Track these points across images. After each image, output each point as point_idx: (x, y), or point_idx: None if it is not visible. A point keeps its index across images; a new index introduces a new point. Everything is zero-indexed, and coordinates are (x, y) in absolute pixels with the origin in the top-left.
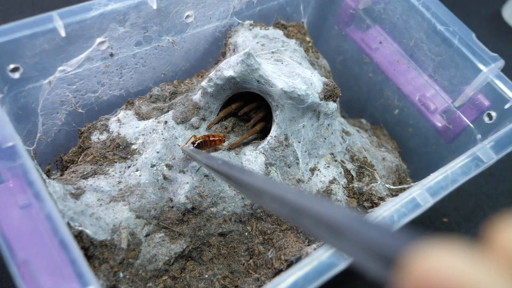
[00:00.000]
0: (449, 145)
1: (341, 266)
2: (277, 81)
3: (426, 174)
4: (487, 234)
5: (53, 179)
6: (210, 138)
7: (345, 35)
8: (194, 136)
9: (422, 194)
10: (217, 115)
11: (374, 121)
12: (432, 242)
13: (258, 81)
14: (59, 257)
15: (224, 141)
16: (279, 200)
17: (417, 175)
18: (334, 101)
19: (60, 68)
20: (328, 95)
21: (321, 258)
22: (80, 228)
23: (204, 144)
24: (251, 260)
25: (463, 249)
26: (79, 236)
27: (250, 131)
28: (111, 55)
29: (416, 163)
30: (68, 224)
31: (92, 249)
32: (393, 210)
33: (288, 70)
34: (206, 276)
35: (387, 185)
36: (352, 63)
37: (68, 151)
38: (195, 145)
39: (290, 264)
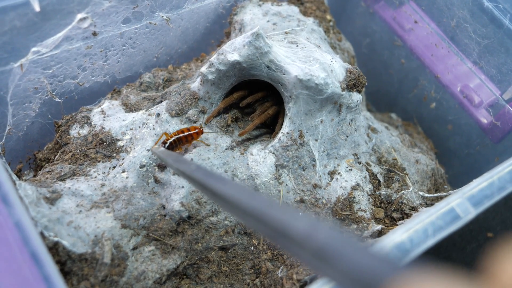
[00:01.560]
0: (497, 146)
1: None
2: (291, 67)
3: (468, 180)
4: (488, 266)
5: (25, 180)
6: (185, 133)
7: (373, 13)
8: (166, 133)
9: (462, 204)
10: (217, 107)
11: (406, 116)
12: (422, 274)
13: (268, 67)
14: (30, 273)
15: (202, 133)
16: (256, 216)
17: (457, 181)
18: (359, 91)
19: (34, 49)
20: (351, 85)
21: None
22: (55, 239)
23: (179, 142)
24: (257, 280)
25: (455, 284)
26: (55, 248)
27: (262, 116)
28: (94, 34)
29: (456, 167)
30: (42, 233)
31: (69, 264)
32: (427, 223)
33: (304, 54)
34: None
35: (421, 193)
36: (381, 47)
37: (43, 147)
38: (166, 145)
39: (303, 285)
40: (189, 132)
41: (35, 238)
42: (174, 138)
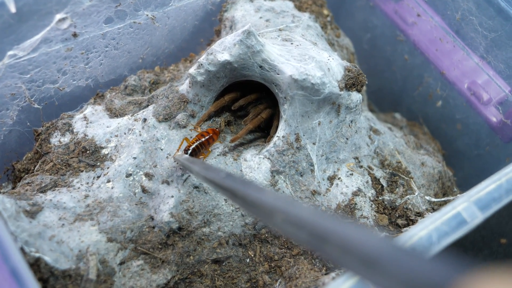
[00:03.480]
0: (507, 146)
1: None
2: (285, 67)
3: (478, 182)
4: None
5: (3, 193)
6: (205, 137)
7: (374, 7)
8: (186, 139)
9: (469, 208)
10: (207, 110)
11: (411, 116)
12: (484, 275)
13: (261, 66)
14: None
15: (219, 133)
16: (296, 223)
17: (467, 184)
18: (359, 91)
19: (10, 52)
20: (350, 84)
21: None
22: (37, 255)
23: (201, 148)
24: None
25: None
26: (36, 265)
27: (255, 120)
28: (74, 35)
29: (466, 168)
30: (22, 249)
31: (52, 281)
32: (431, 229)
33: (299, 52)
34: None
35: (427, 197)
36: (383, 42)
37: (22, 157)
38: (189, 152)
39: None
40: (210, 135)
41: (15, 254)
42: (196, 143)
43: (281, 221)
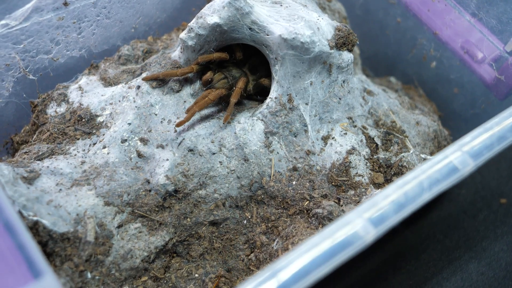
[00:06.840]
0: (502, 103)
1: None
2: (274, 27)
3: None
4: None
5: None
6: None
7: None
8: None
9: (460, 155)
10: (195, 60)
11: (406, 80)
12: None
13: (250, 28)
14: (3, 243)
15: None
16: None
17: None
18: (350, 50)
19: (2, 22)
20: (341, 43)
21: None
22: (35, 218)
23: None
24: (252, 254)
25: None
26: (35, 228)
27: (200, 103)
28: (65, 4)
29: (463, 129)
30: (20, 213)
31: (51, 244)
32: (422, 176)
33: (289, 12)
34: (197, 275)
35: (423, 155)
36: (375, 7)
37: (20, 130)
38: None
39: None
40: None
41: (7, 208)
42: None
43: None
